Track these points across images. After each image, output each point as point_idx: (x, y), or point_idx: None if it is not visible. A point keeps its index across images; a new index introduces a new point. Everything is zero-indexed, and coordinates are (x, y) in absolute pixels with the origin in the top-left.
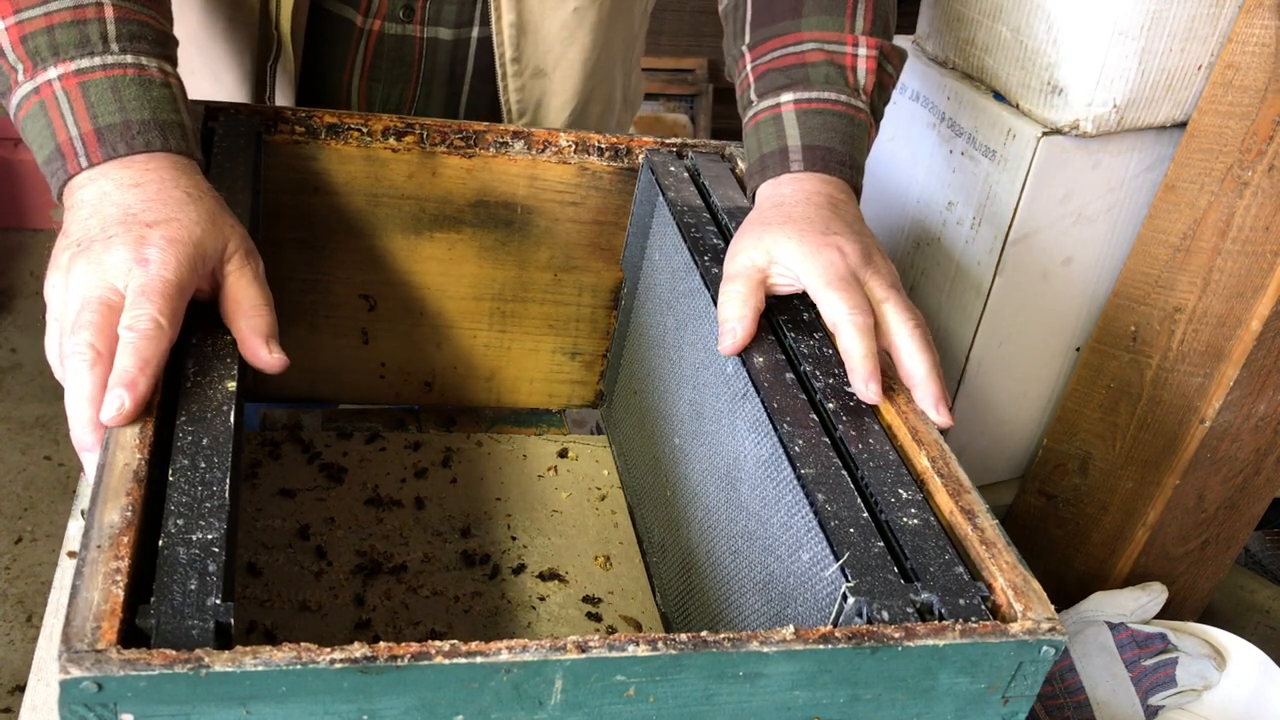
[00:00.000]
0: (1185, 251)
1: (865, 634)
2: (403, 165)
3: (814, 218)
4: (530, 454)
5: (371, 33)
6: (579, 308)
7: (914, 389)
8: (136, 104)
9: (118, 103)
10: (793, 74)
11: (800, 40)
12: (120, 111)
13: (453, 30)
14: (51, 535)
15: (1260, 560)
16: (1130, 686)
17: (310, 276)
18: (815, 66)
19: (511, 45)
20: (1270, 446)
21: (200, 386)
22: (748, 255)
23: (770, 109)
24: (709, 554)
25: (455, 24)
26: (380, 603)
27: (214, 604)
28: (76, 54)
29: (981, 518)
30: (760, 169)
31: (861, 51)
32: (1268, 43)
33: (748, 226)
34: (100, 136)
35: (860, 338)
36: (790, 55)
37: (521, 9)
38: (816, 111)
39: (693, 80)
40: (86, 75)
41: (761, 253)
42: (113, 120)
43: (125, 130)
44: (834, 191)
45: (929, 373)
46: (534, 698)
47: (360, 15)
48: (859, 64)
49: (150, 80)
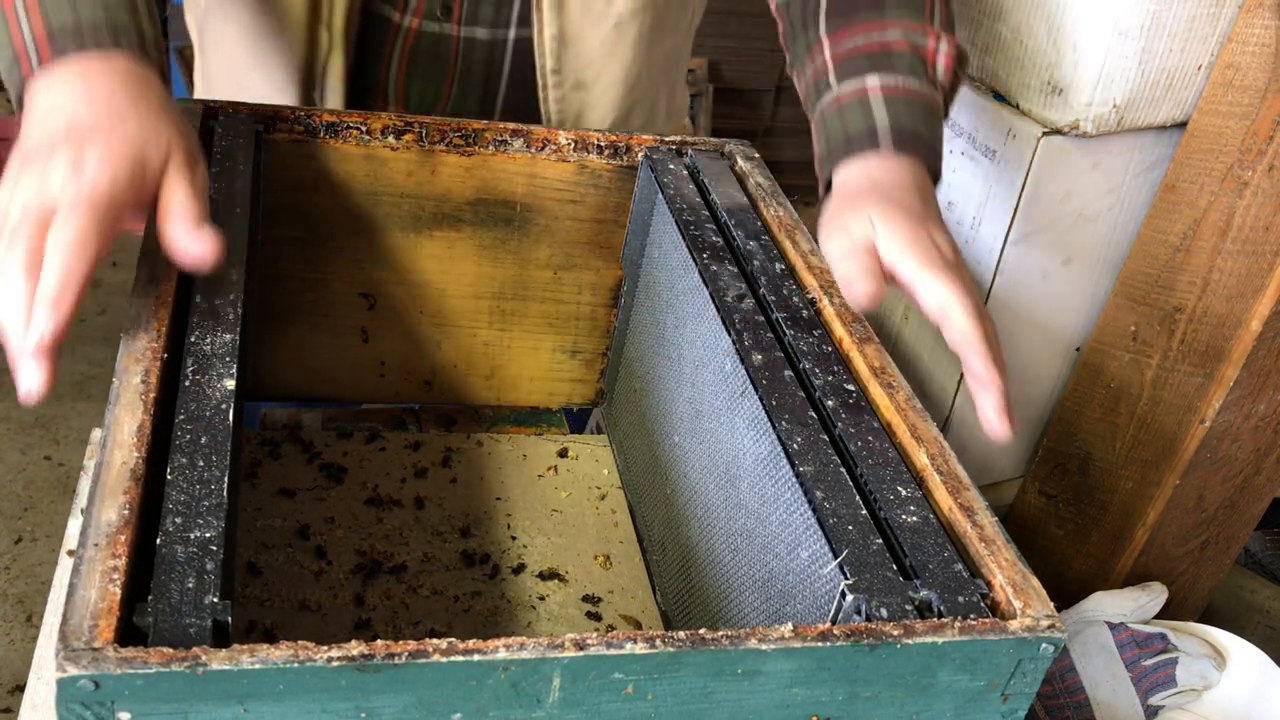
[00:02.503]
0: (1185, 251)
1: (864, 631)
2: (402, 164)
3: (910, 204)
4: (530, 454)
5: (410, 30)
6: (579, 306)
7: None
8: (89, 7)
9: (71, 6)
10: (877, 60)
11: (885, 28)
12: (73, 13)
13: (489, 30)
14: (51, 535)
15: (1260, 560)
16: (1130, 686)
17: (310, 275)
18: (900, 55)
19: (553, 57)
20: (1270, 446)
21: (199, 385)
22: (859, 227)
23: (856, 92)
24: (708, 552)
25: (492, 24)
26: (380, 602)
27: (212, 602)
28: None
29: (980, 515)
30: (845, 149)
31: (944, 47)
32: (1268, 43)
33: (849, 200)
34: (52, 38)
35: (978, 321)
36: (875, 43)
37: (564, 21)
38: (904, 99)
39: (693, 80)
40: None
41: (866, 224)
42: (64, 22)
43: (76, 32)
44: (923, 182)
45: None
46: (532, 696)
47: (399, 13)
48: (939, 59)
49: None
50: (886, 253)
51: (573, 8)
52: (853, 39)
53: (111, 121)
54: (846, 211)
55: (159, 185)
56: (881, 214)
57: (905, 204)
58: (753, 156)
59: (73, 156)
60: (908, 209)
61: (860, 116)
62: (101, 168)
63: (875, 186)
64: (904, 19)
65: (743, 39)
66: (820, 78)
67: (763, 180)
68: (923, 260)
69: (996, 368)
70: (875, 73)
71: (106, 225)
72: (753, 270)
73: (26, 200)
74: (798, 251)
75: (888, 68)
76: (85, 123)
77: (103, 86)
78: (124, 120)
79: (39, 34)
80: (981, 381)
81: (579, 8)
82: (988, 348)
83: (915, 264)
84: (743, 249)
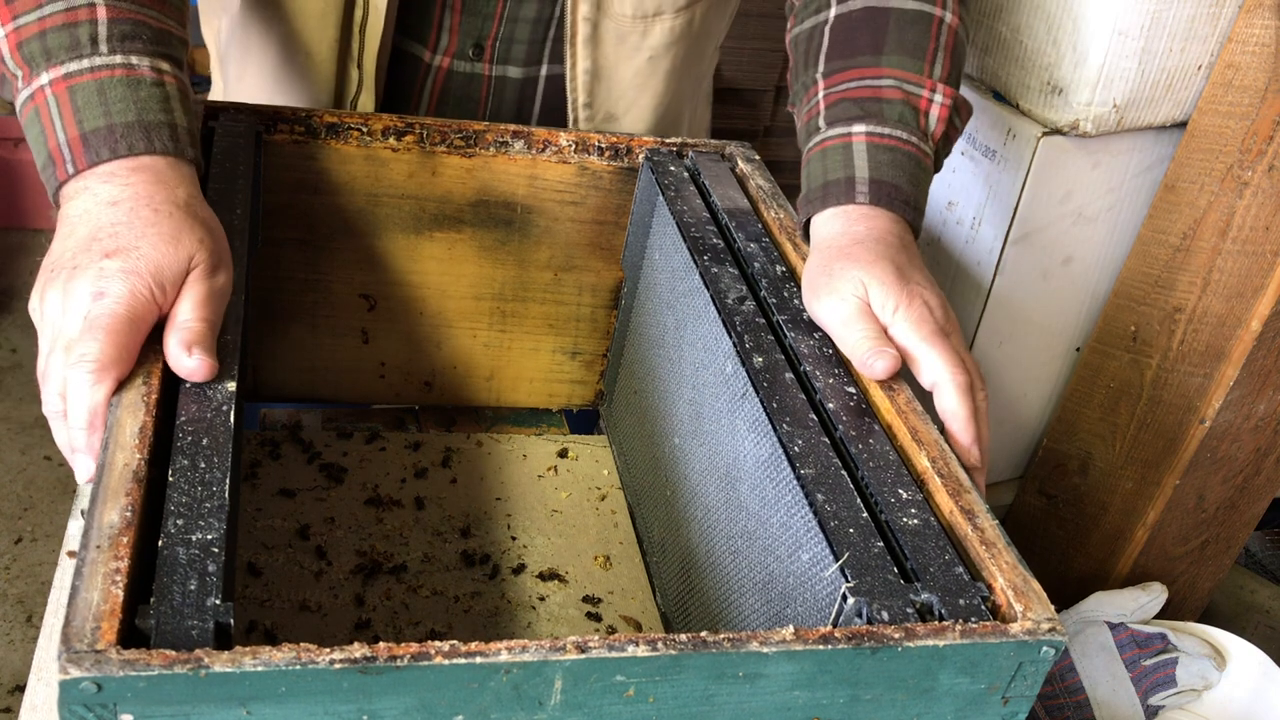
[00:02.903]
0: (1185, 251)
1: (865, 634)
2: (403, 165)
3: (895, 261)
4: (530, 454)
5: (440, 70)
6: (579, 307)
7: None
8: (122, 106)
9: (103, 106)
10: (867, 106)
11: (879, 75)
12: (105, 115)
13: (522, 69)
14: (51, 535)
15: (1260, 560)
16: (1130, 686)
17: (310, 276)
18: (891, 104)
19: (585, 91)
20: (1270, 446)
21: (200, 387)
22: (848, 287)
23: (840, 137)
24: (709, 554)
25: (525, 63)
26: (380, 603)
27: (214, 604)
28: (66, 57)
29: (981, 518)
30: (823, 195)
31: (938, 99)
32: (1268, 43)
33: (834, 258)
34: (85, 142)
35: (965, 400)
36: (867, 88)
37: (597, 56)
38: (888, 148)
39: None
40: (75, 79)
41: (858, 285)
42: (97, 124)
43: (109, 134)
44: (904, 234)
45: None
46: (534, 698)
47: (429, 52)
48: (933, 110)
49: (139, 80)
50: (881, 317)
51: (607, 43)
52: (846, 83)
53: (132, 238)
54: (834, 271)
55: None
56: (869, 275)
57: (891, 260)
58: (753, 158)
59: (94, 277)
60: (895, 267)
61: (841, 163)
62: (120, 289)
63: (857, 241)
64: (900, 67)
65: (742, 39)
66: (812, 119)
67: (763, 182)
68: (918, 329)
69: (979, 446)
70: (863, 120)
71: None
72: (754, 272)
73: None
74: (799, 254)
75: (876, 116)
76: (106, 239)
77: (130, 193)
78: (145, 233)
79: (73, 137)
80: (963, 456)
81: (613, 43)
82: (973, 427)
83: (912, 335)
84: (744, 251)
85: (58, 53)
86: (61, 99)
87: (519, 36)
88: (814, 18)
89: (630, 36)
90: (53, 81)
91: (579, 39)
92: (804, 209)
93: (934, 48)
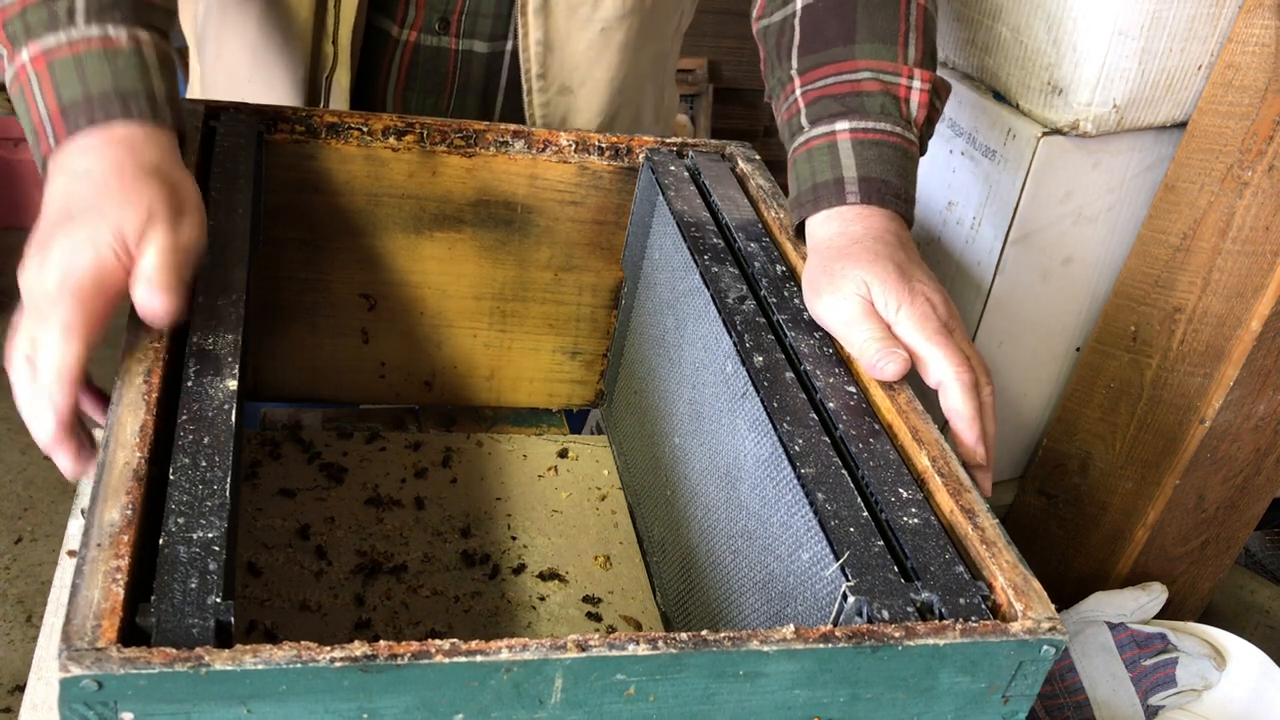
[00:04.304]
0: (1185, 251)
1: (865, 633)
2: (403, 165)
3: (895, 259)
4: (530, 454)
5: (408, 44)
6: (579, 307)
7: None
8: (98, 76)
9: (80, 77)
10: (848, 102)
11: (855, 68)
12: (82, 86)
13: (487, 44)
14: (51, 535)
15: (1260, 560)
16: (1130, 686)
17: (310, 276)
18: (871, 96)
19: (538, 62)
20: (1270, 446)
21: (201, 386)
22: (852, 287)
23: (824, 136)
24: (709, 553)
25: (490, 37)
26: (380, 603)
27: (214, 602)
28: (44, 32)
29: (982, 517)
30: (813, 197)
31: (915, 84)
32: (1268, 43)
33: (834, 258)
34: (65, 114)
35: (970, 399)
36: (845, 83)
37: (548, 28)
38: (873, 143)
39: (693, 80)
40: (53, 53)
41: (860, 284)
42: (75, 96)
43: (87, 105)
44: (900, 230)
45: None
46: (534, 696)
47: (397, 26)
48: (913, 96)
49: (116, 51)
50: (884, 316)
51: (558, 13)
52: (824, 79)
53: (98, 204)
54: (834, 271)
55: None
56: (871, 273)
57: (892, 258)
58: (754, 158)
59: (63, 248)
60: (896, 265)
61: (828, 164)
62: (85, 257)
63: (855, 241)
64: (874, 56)
65: (742, 39)
66: (793, 117)
67: (764, 182)
68: (921, 327)
69: (984, 443)
70: (845, 116)
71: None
72: (754, 272)
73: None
74: (799, 253)
75: (858, 111)
76: (78, 207)
77: (100, 169)
78: (108, 200)
79: (52, 110)
80: (967, 456)
81: (564, 13)
82: (978, 425)
83: (916, 334)
84: (744, 251)
85: (36, 29)
86: (42, 74)
87: (484, 10)
88: (782, 10)
89: (581, 8)
90: (33, 58)
91: (530, 8)
92: (795, 212)
93: (905, 29)
